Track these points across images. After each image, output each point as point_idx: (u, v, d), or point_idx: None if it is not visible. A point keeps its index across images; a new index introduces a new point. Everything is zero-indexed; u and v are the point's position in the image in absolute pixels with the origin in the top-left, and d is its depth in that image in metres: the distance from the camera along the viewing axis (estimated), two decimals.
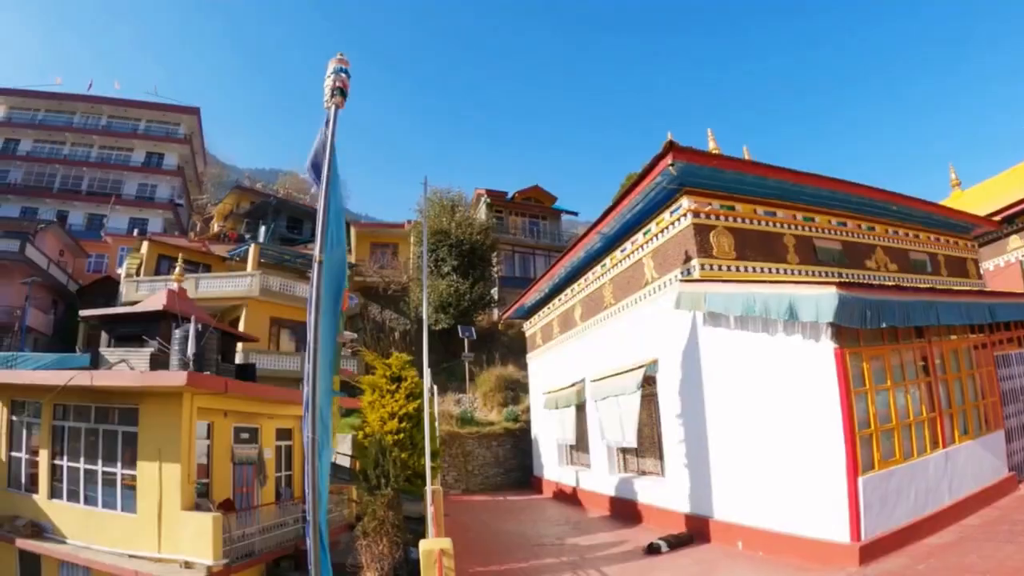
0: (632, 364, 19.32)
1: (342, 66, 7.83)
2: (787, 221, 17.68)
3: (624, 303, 20.70)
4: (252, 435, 19.98)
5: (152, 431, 17.01)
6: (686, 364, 16.75)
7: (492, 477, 31.11)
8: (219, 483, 18.13)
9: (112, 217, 59.03)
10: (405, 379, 21.13)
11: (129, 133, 65.17)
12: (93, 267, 52.01)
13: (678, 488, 17.00)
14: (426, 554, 10.58)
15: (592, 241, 21.74)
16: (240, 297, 35.22)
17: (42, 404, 19.37)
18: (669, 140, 15.58)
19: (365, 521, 17.01)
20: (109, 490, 17.77)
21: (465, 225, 40.42)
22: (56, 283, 43.99)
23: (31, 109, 64.94)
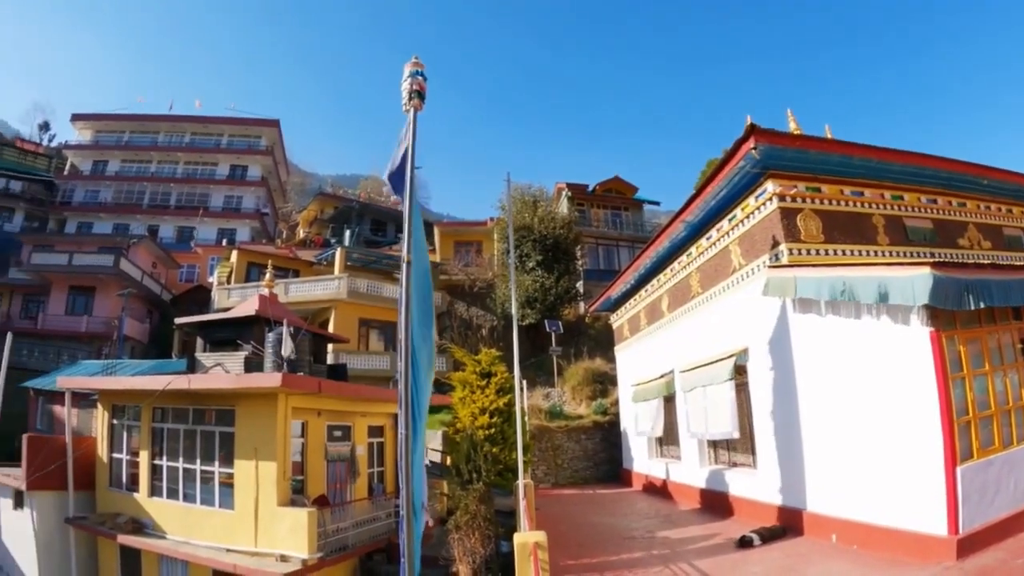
0: (721, 354, 19.17)
1: (418, 69, 8.03)
2: (875, 201, 17.26)
3: (712, 292, 20.56)
4: (345, 433, 20.71)
5: (248, 431, 17.93)
6: (777, 352, 16.52)
7: (581, 471, 31.23)
8: (313, 479, 18.88)
9: (201, 229, 62.08)
10: (495, 374, 21.56)
11: (212, 148, 68.56)
12: (185, 277, 54.85)
13: (770, 480, 16.79)
14: (520, 547, 10.74)
15: (677, 230, 21.67)
16: (329, 300, 36.38)
17: (142, 408, 20.67)
18: (750, 123, 15.44)
19: (457, 515, 17.38)
20: (207, 488, 18.84)
21: (548, 220, 40.68)
22: (150, 293, 46.49)
23: (116, 132, 69.74)
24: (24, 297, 47.64)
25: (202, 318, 24.64)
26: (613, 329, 33.53)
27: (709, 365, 19.82)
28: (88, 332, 42.95)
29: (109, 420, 22.31)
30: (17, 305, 47.46)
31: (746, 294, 18.03)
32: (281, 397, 17.40)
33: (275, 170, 71.60)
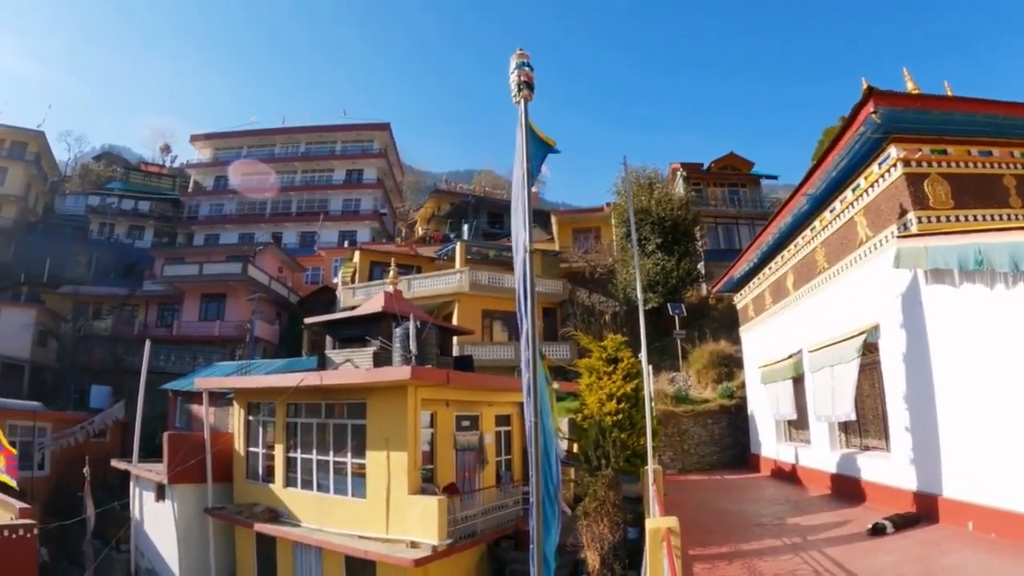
0: (850, 331, 18.57)
1: (524, 60, 8.24)
2: (1004, 160, 16.24)
3: (838, 266, 19.98)
4: (473, 422, 21.42)
5: (379, 422, 18.89)
6: (910, 327, 15.78)
7: (708, 456, 30.95)
8: (443, 468, 19.64)
9: (323, 232, 64.71)
10: (621, 360, 21.70)
11: (327, 155, 71.69)
12: (310, 279, 57.47)
13: (904, 463, 16.11)
14: (652, 532, 10.62)
15: (798, 204, 21.16)
16: (451, 293, 37.49)
17: (276, 404, 22.07)
18: (867, 86, 14.96)
19: (586, 502, 17.62)
20: (340, 478, 19.99)
21: (665, 202, 40.39)
22: (278, 296, 48.95)
23: (235, 148, 74.35)
24: (159, 307, 51.21)
25: (330, 317, 26.03)
26: (737, 310, 32.90)
27: (837, 344, 19.26)
28: (221, 336, 45.73)
29: (245, 417, 24.00)
30: (153, 314, 51.07)
31: (875, 267, 17.47)
32: (410, 389, 18.22)
33: (390, 171, 73.80)
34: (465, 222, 57.01)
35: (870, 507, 17.20)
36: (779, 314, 25.82)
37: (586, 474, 19.44)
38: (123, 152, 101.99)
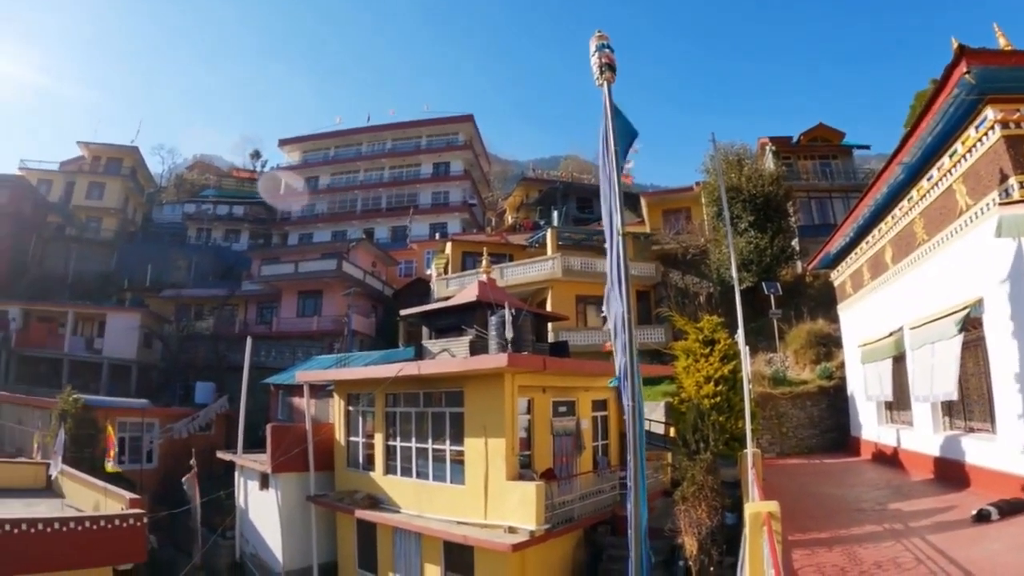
0: (951, 306, 17.58)
1: (604, 42, 8.19)
2: None
3: (938, 238, 19.09)
4: (569, 408, 21.45)
5: (477, 410, 19.12)
6: (1016, 301, 15.22)
7: (807, 439, 30.03)
8: (540, 454, 19.74)
9: (413, 226, 66.06)
10: (718, 342, 21.43)
11: (413, 151, 72.85)
12: (403, 272, 58.57)
13: (1010, 447, 15.33)
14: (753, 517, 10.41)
15: (893, 174, 20.36)
16: (544, 280, 37.54)
17: (375, 394, 22.62)
18: (958, 45, 14.36)
19: (684, 486, 17.47)
20: (438, 465, 20.35)
21: (755, 178, 39.48)
22: (373, 290, 50.04)
23: (322, 149, 77.06)
24: (258, 305, 53.09)
25: (426, 308, 26.51)
26: (835, 287, 31.97)
27: (937, 320, 18.30)
28: (319, 330, 46.96)
29: (345, 407, 24.70)
30: (252, 313, 53.02)
31: (976, 237, 16.66)
32: (507, 376, 18.39)
33: (476, 162, 74.57)
34: (554, 208, 57.13)
35: (975, 492, 16.39)
36: (878, 290, 25.03)
37: (684, 458, 19.19)
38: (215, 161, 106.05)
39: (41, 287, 58.53)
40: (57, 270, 61.79)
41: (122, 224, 70.22)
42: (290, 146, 78.43)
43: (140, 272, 59.92)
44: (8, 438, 35.86)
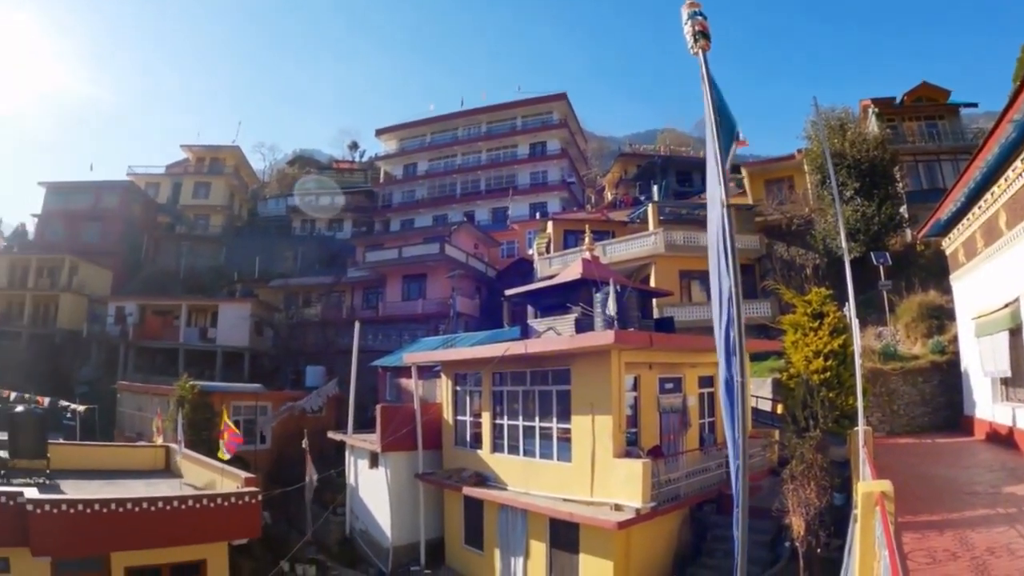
0: None
1: (695, 9, 7.84)
2: None
3: None
4: (676, 384, 21.11)
5: (583, 388, 19.03)
6: None
7: (918, 417, 28.46)
8: (647, 431, 19.50)
9: (513, 207, 66.28)
10: (826, 315, 20.76)
11: (509, 132, 72.99)
12: (505, 253, 58.87)
13: None
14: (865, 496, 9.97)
15: (1004, 132, 18.88)
16: (647, 256, 37.07)
17: (482, 374, 22.84)
18: None
19: (792, 464, 16.91)
20: (545, 443, 20.38)
21: (859, 143, 37.76)
22: (476, 272, 50.52)
23: (418, 136, 78.01)
24: (364, 290, 54.40)
25: (530, 287, 26.66)
26: (946, 256, 30.36)
27: None
28: (424, 313, 47.67)
29: (452, 387, 25.03)
30: (359, 298, 54.35)
31: None
32: (614, 353, 18.22)
33: (572, 140, 74.08)
34: (654, 183, 56.32)
35: None
36: (992, 258, 23.37)
37: (793, 436, 18.68)
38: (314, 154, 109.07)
39: (155, 283, 62.57)
40: (170, 266, 65.95)
41: (229, 220, 74.22)
42: (387, 135, 79.77)
43: (249, 264, 62.81)
44: (129, 424, 38.25)
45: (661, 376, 20.50)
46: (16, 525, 14.33)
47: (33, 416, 20.28)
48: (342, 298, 55.04)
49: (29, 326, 55.08)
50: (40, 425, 20.10)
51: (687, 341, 21.79)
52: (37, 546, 14.44)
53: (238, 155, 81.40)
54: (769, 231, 41.19)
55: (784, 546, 16.83)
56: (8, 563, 14.82)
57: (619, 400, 18.35)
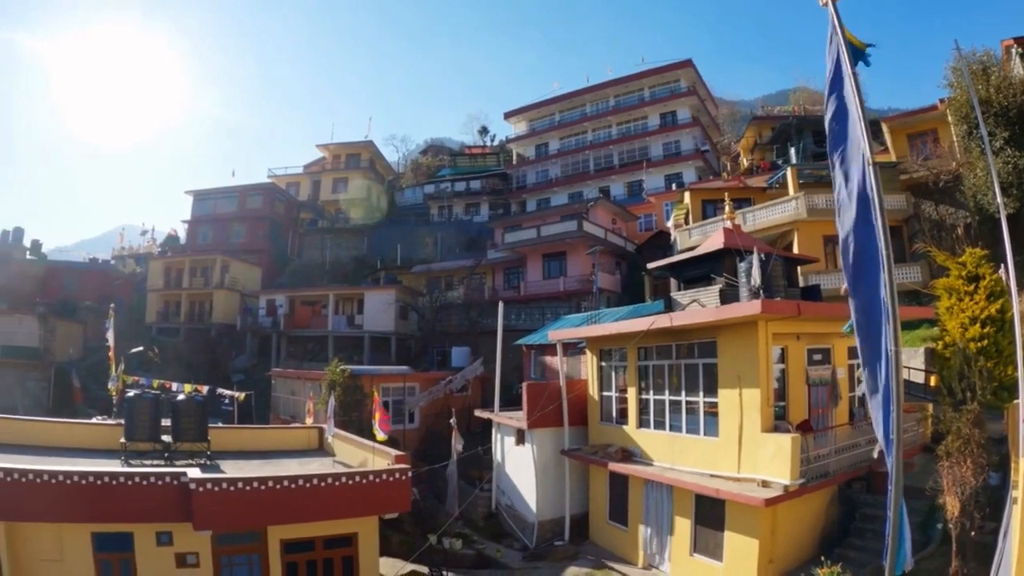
0: None
1: None
2: None
3: None
4: (824, 356, 20.18)
5: (730, 360, 18.56)
6: None
7: None
8: (795, 405, 18.78)
9: (648, 179, 65.18)
10: (982, 278, 19.48)
11: (637, 104, 71.38)
12: (643, 227, 57.91)
13: None
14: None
15: None
16: (788, 222, 35.43)
17: (627, 349, 22.72)
18: None
19: (948, 440, 15.97)
20: (691, 418, 19.99)
21: (1004, 88, 34.54)
22: (615, 247, 49.98)
23: (547, 116, 77.84)
24: (505, 271, 54.92)
25: (672, 260, 26.14)
26: None
27: None
28: (565, 291, 47.60)
29: (597, 363, 25.00)
30: (500, 279, 55.01)
31: None
32: (760, 324, 17.69)
33: (702, 107, 71.85)
34: (791, 145, 53.96)
35: None
36: None
37: (949, 408, 17.54)
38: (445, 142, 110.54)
39: (302, 276, 66.22)
40: (315, 259, 69.38)
41: (368, 211, 76.41)
42: (515, 117, 79.98)
43: (390, 252, 64.95)
44: (283, 407, 40.29)
45: (809, 347, 19.65)
46: (180, 502, 15.53)
47: (194, 403, 21.70)
48: (483, 280, 55.72)
49: (186, 322, 59.86)
50: (201, 411, 21.52)
51: (836, 310, 20.60)
52: (199, 521, 15.57)
53: (372, 149, 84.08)
54: (915, 189, 38.62)
55: (936, 528, 16.06)
56: (171, 536, 16.07)
57: (766, 372, 17.75)
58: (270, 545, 16.94)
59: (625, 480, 21.93)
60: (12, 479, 14.78)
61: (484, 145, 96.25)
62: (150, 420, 20.42)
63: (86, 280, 66.21)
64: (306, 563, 17.45)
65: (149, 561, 15.98)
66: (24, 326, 50.55)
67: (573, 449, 24.44)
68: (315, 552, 17.54)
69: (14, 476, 14.81)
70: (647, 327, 20.21)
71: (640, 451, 21.82)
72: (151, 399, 21.23)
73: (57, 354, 51.35)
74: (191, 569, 16.18)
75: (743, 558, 17.05)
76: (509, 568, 23.44)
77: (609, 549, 22.75)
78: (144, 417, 20.29)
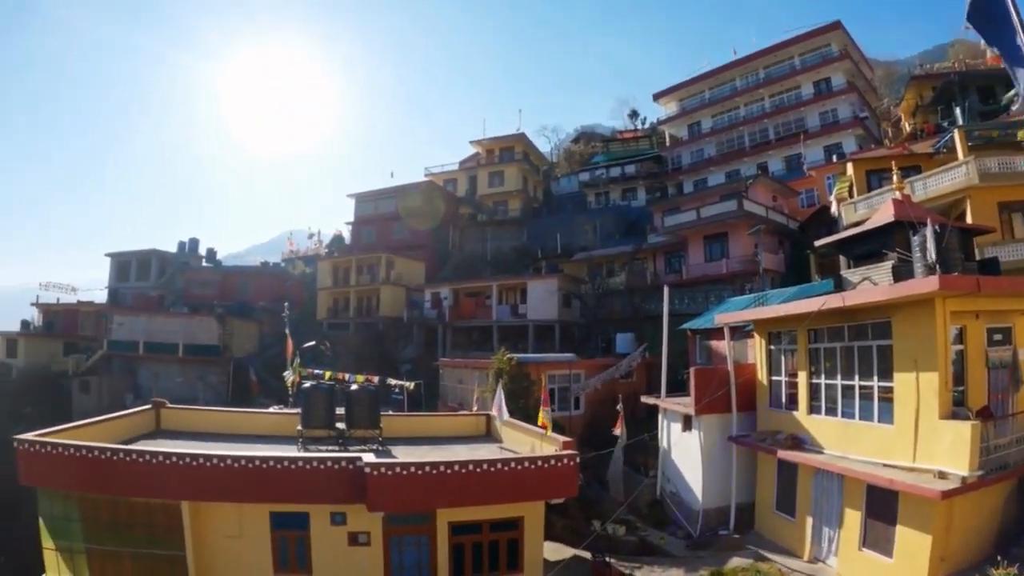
0: None
1: None
2: None
3: None
4: (1005, 335, 18.37)
5: (906, 341, 17.37)
6: None
7: None
8: (974, 390, 17.26)
9: (806, 152, 61.59)
10: None
11: (788, 74, 67.47)
12: (805, 202, 54.64)
13: None
14: None
15: None
16: (959, 190, 31.88)
17: (796, 331, 21.83)
18: None
19: None
20: (864, 403, 18.86)
21: None
22: (777, 225, 47.65)
23: (696, 94, 75.07)
24: (666, 255, 53.92)
25: (839, 236, 25.02)
26: None
27: None
28: (728, 272, 45.76)
29: (766, 347, 24.12)
30: (661, 263, 54.13)
31: None
32: (937, 302, 16.45)
33: (857, 71, 66.80)
34: (955, 105, 49.84)
35: None
36: None
37: None
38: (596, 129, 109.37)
39: (465, 268, 67.90)
40: (476, 252, 71.02)
41: (525, 202, 77.32)
42: (665, 98, 77.85)
43: (550, 241, 65.07)
44: (451, 395, 41.24)
45: (988, 326, 17.96)
46: (355, 485, 16.57)
47: (367, 392, 22.83)
48: (645, 265, 54.98)
49: (355, 316, 62.42)
50: (373, 400, 22.64)
51: (1018, 284, 18.75)
52: (373, 503, 16.46)
53: (524, 141, 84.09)
54: None
55: None
56: (345, 517, 17.22)
57: (944, 354, 16.47)
58: (438, 527, 17.67)
59: (794, 469, 21.01)
60: (198, 463, 16.49)
61: (635, 129, 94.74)
62: (325, 409, 21.85)
63: (260, 282, 71.22)
64: (472, 545, 17.97)
65: (323, 539, 17.31)
66: (204, 327, 55.80)
67: (741, 436, 23.73)
68: (481, 535, 18.01)
69: (199, 460, 16.51)
70: (818, 308, 19.31)
71: (810, 438, 20.84)
72: (326, 389, 22.65)
73: (235, 350, 56.24)
74: (362, 548, 17.36)
75: (914, 554, 15.99)
76: (672, 556, 23.11)
77: (774, 540, 21.95)
78: (320, 406, 21.73)
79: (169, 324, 56.36)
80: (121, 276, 73.70)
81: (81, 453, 16.86)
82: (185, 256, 75.90)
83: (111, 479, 16.78)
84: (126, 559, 17.07)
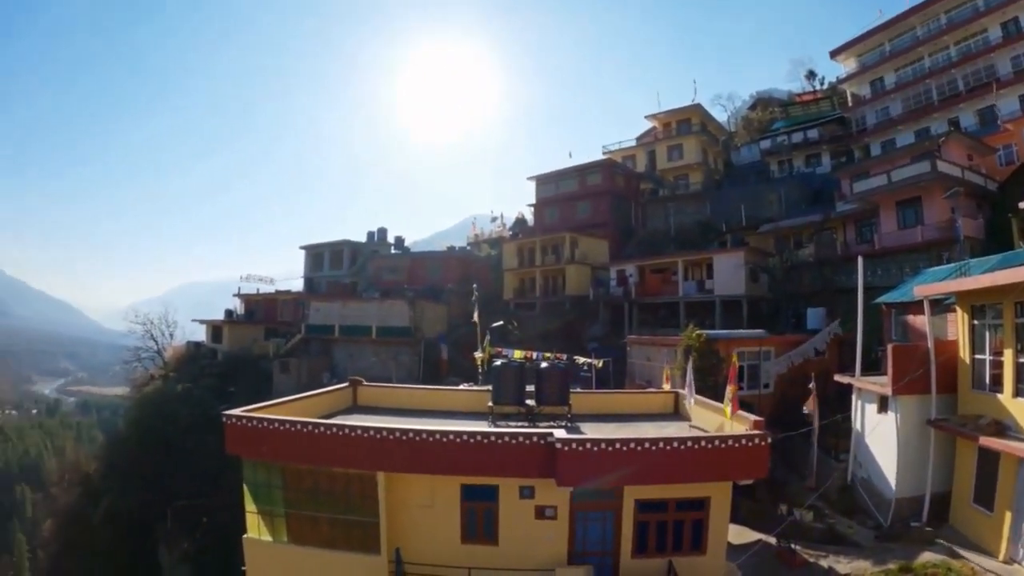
0: None
1: None
2: None
3: None
4: None
5: None
6: None
7: None
8: None
9: (1000, 103, 54.78)
10: None
11: (971, 17, 59.14)
12: (1004, 160, 48.86)
13: None
14: None
15: None
16: None
17: (1002, 305, 20.04)
18: None
19: None
20: None
21: None
22: (974, 187, 43.25)
23: (875, 48, 68.00)
24: (855, 223, 50.80)
25: None
26: None
27: None
28: (924, 241, 41.99)
29: (969, 321, 22.33)
30: (851, 233, 50.94)
31: None
32: None
33: None
34: None
35: None
36: None
37: None
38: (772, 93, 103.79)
39: (649, 245, 67.02)
40: (659, 227, 69.79)
41: (706, 175, 75.59)
42: (842, 55, 71.27)
43: (733, 213, 62.92)
44: (639, 372, 41.38)
45: None
46: (545, 460, 17.06)
47: (556, 370, 23.42)
48: (834, 235, 52.06)
49: (541, 296, 63.83)
50: (562, 377, 23.15)
51: None
52: (562, 477, 16.87)
53: (700, 112, 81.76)
54: None
55: None
56: (533, 491, 17.87)
57: None
58: (625, 503, 17.95)
59: (995, 458, 19.47)
60: (394, 437, 17.59)
61: (814, 90, 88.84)
62: (515, 386, 22.67)
63: (446, 266, 73.61)
64: (656, 523, 18.09)
65: (511, 511, 18.03)
66: (396, 310, 59.14)
67: (940, 419, 22.23)
68: (667, 513, 18.09)
69: (396, 435, 17.61)
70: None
71: (1015, 424, 19.22)
72: (516, 367, 23.61)
73: (425, 331, 58.79)
74: (548, 521, 17.96)
75: None
76: (859, 546, 22.37)
77: (967, 535, 20.64)
78: (510, 383, 22.61)
79: (362, 308, 60.75)
80: (315, 266, 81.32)
81: (286, 427, 18.50)
82: (374, 245, 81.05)
83: (313, 451, 18.34)
84: (323, 523, 18.63)
